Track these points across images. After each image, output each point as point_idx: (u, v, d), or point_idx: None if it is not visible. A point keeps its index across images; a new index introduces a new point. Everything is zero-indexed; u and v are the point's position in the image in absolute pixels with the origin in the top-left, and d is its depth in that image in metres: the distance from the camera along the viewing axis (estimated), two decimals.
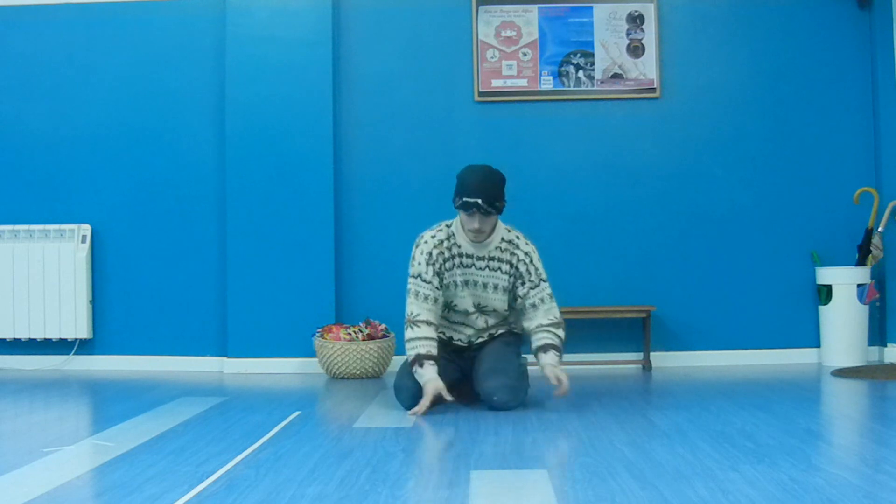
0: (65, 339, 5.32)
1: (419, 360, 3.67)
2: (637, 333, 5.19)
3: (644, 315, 5.07)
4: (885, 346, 5.20)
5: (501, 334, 4.01)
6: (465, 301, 3.88)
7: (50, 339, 5.31)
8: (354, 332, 4.89)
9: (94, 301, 5.37)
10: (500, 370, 3.75)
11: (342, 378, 4.85)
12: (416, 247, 3.87)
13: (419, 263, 3.82)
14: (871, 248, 5.09)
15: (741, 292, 5.24)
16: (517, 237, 3.90)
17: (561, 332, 3.84)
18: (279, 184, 5.19)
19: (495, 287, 3.86)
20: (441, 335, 3.94)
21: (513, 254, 3.84)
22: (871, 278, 5.10)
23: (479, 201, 3.69)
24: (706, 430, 3.18)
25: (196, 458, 2.82)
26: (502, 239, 3.86)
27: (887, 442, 2.98)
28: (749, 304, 5.24)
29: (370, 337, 4.88)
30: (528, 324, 3.86)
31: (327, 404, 4.14)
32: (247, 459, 2.79)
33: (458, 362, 4.00)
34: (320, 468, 2.66)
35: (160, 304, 5.34)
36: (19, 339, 5.33)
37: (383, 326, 4.99)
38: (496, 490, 2.41)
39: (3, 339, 5.35)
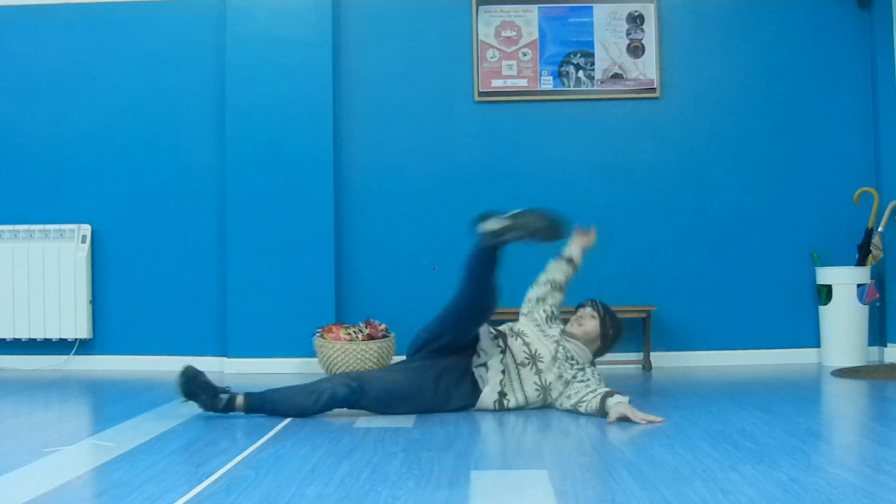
0: (65, 339, 5.31)
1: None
2: (637, 333, 5.19)
3: (644, 315, 5.07)
4: (885, 346, 5.20)
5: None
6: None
7: (50, 339, 5.31)
8: (354, 332, 4.89)
9: (94, 301, 5.37)
10: None
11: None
12: None
13: None
14: (871, 248, 5.09)
15: (741, 292, 5.24)
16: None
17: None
18: (279, 184, 5.19)
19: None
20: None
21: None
22: (871, 278, 5.10)
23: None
24: (706, 430, 3.18)
25: (196, 458, 2.82)
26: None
27: (887, 442, 2.98)
28: (749, 305, 5.24)
29: (370, 337, 4.88)
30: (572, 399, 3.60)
31: None
32: (247, 459, 2.79)
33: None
34: (320, 468, 2.66)
35: (160, 304, 5.34)
36: (19, 339, 5.33)
37: (383, 326, 4.99)
38: (496, 490, 2.41)
39: (3, 339, 5.35)
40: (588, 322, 3.85)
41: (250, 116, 5.21)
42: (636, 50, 5.30)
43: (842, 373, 4.70)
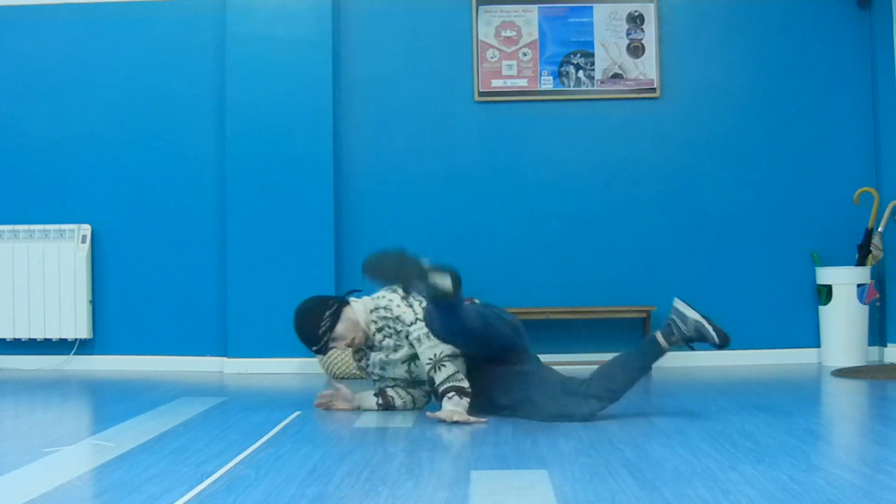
0: (65, 339, 5.31)
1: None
2: (637, 333, 5.19)
3: (644, 315, 5.07)
4: (885, 346, 5.20)
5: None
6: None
7: (50, 339, 5.31)
8: None
9: (94, 301, 5.37)
10: None
11: (342, 378, 4.84)
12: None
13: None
14: (871, 248, 5.09)
15: (741, 292, 5.24)
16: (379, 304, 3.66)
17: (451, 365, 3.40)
18: (279, 184, 5.19)
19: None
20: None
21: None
22: (871, 278, 5.10)
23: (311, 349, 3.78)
24: (706, 430, 3.18)
25: (196, 458, 2.82)
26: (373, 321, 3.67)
27: (887, 442, 2.98)
28: (749, 304, 5.24)
29: None
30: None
31: None
32: (247, 459, 2.79)
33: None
34: (320, 468, 2.65)
35: (160, 304, 5.34)
36: (19, 339, 5.33)
37: None
38: (496, 490, 2.41)
39: (3, 339, 5.35)
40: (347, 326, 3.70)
41: (250, 116, 5.21)
42: (636, 50, 5.30)
43: (842, 373, 4.70)
